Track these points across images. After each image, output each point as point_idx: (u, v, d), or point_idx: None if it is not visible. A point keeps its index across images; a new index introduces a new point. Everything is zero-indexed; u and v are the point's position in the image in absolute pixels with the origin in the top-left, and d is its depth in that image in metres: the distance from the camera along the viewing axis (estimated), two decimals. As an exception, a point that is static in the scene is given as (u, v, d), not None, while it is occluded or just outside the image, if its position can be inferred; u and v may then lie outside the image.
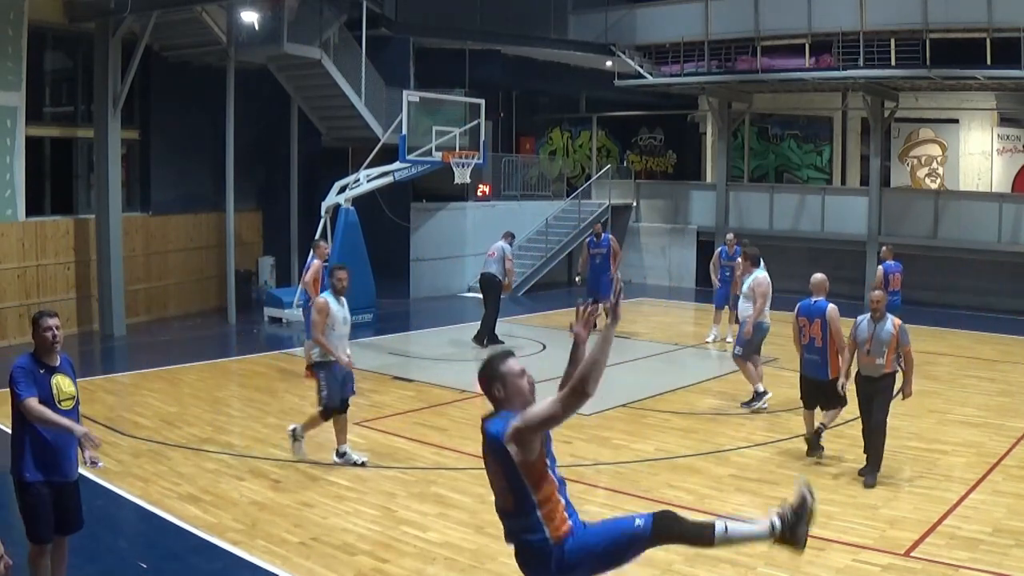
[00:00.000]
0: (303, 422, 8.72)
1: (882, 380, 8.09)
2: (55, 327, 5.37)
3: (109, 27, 14.80)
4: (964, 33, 17.66)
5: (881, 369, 8.07)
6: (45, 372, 5.30)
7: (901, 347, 8.09)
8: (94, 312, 15.63)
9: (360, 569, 6.27)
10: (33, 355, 5.34)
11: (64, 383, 5.37)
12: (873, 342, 8.08)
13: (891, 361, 8.08)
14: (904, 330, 8.14)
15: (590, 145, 28.24)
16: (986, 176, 21.58)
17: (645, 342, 15.27)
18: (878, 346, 8.06)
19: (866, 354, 8.12)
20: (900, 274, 13.64)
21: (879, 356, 8.06)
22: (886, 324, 8.12)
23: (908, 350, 8.16)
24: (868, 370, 8.16)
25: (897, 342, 8.05)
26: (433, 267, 20.50)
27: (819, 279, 9.29)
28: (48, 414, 5.14)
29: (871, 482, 7.93)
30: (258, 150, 19.27)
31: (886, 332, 8.07)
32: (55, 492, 5.33)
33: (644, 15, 21.98)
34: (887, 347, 8.05)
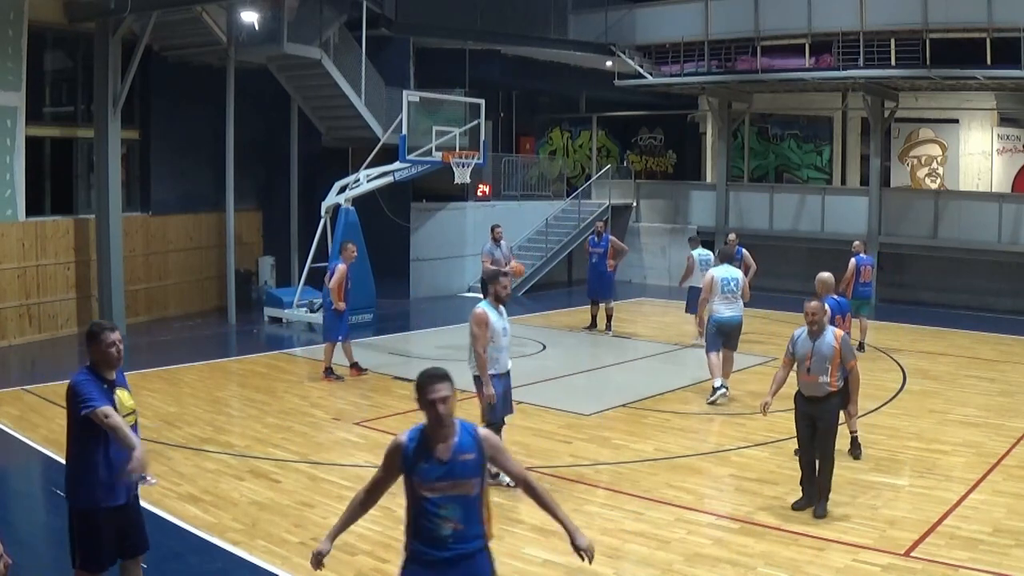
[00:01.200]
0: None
1: (827, 400, 7.28)
2: (118, 341, 5.09)
3: (109, 27, 14.80)
4: (964, 33, 17.66)
5: (825, 388, 7.27)
6: (107, 387, 4.97)
7: (845, 362, 7.34)
8: (94, 312, 15.61)
9: (360, 569, 6.27)
10: (91, 369, 4.99)
11: (125, 397, 5.09)
12: (813, 359, 7.28)
13: (836, 379, 7.30)
14: (847, 343, 7.47)
15: (590, 145, 28.24)
16: (986, 176, 21.57)
17: (645, 342, 15.28)
18: (820, 363, 7.26)
19: (806, 372, 7.31)
20: (872, 267, 14.47)
21: (822, 374, 7.25)
22: (826, 338, 7.34)
23: (853, 365, 7.45)
24: (810, 389, 7.33)
25: (840, 357, 7.31)
26: (433, 267, 20.50)
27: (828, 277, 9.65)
28: (124, 426, 4.77)
29: (821, 512, 7.19)
30: (258, 150, 19.27)
31: (827, 346, 7.29)
32: (115, 516, 4.95)
33: (644, 15, 21.98)
34: (830, 363, 7.27)
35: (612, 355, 14.39)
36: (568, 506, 7.46)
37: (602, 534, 6.90)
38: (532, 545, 6.69)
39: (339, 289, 11.90)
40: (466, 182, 17.39)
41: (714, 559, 6.42)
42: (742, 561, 6.39)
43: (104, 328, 5.12)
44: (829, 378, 7.25)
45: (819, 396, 7.28)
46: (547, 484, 8.01)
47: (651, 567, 6.33)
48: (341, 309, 11.96)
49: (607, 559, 6.44)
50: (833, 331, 7.44)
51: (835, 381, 7.29)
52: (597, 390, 12.06)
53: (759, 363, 13.40)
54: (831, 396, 7.31)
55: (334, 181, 16.56)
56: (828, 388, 7.26)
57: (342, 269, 11.99)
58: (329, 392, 11.65)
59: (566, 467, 8.49)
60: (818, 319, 7.37)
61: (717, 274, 11.30)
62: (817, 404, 7.30)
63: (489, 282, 7.91)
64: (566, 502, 7.57)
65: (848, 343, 7.49)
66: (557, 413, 10.47)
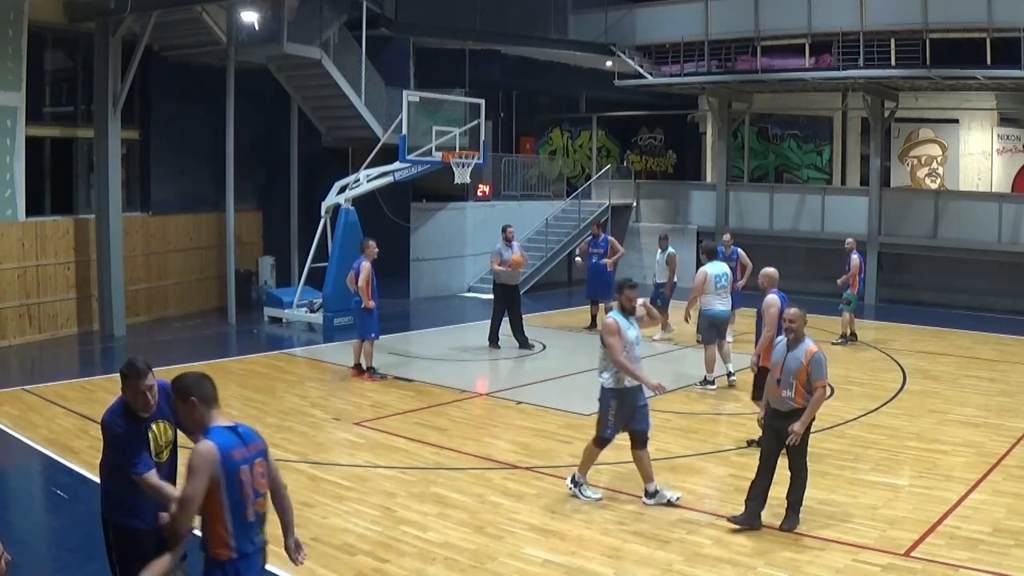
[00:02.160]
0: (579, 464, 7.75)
1: (790, 417, 6.88)
2: (148, 389, 4.83)
3: (109, 27, 14.80)
4: (964, 33, 17.66)
5: (789, 403, 6.88)
6: (142, 426, 4.83)
7: (812, 381, 6.81)
8: (94, 312, 15.63)
9: (360, 569, 6.27)
10: (125, 405, 4.81)
11: (161, 431, 4.92)
12: (783, 370, 6.93)
13: (802, 396, 6.83)
14: (817, 362, 6.84)
15: (590, 145, 28.23)
16: (986, 176, 21.57)
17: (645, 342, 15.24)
18: (786, 375, 6.89)
19: (775, 383, 6.98)
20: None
21: (786, 388, 6.89)
22: (798, 351, 6.92)
23: (820, 385, 6.83)
24: (776, 402, 7.01)
25: (807, 374, 6.82)
26: (433, 267, 20.50)
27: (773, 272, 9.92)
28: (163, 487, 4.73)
29: (788, 526, 6.89)
30: (258, 150, 19.27)
31: (795, 360, 6.87)
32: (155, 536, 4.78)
33: (644, 15, 21.98)
34: (795, 378, 6.84)
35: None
36: (568, 506, 7.48)
37: (602, 534, 6.90)
38: (532, 545, 6.69)
39: (367, 287, 11.93)
40: (466, 182, 17.40)
41: (714, 559, 6.42)
42: (742, 561, 6.39)
43: (137, 373, 4.85)
44: (793, 394, 6.84)
45: (782, 411, 6.92)
46: (547, 484, 8.03)
47: (651, 567, 6.33)
48: (371, 307, 12.00)
49: (607, 559, 6.45)
50: (807, 347, 6.91)
51: (800, 398, 6.82)
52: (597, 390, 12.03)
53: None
54: (795, 413, 6.84)
55: (334, 181, 16.57)
56: (792, 404, 6.85)
57: (367, 267, 11.99)
58: (329, 392, 11.66)
59: (566, 467, 8.49)
60: (795, 327, 6.95)
61: (710, 271, 11.76)
62: (782, 419, 6.93)
63: (617, 292, 7.68)
64: (566, 502, 7.58)
65: (819, 361, 6.84)
66: (557, 413, 10.47)
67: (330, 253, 16.15)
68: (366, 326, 12.09)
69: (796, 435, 6.79)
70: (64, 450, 8.85)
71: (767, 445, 7.09)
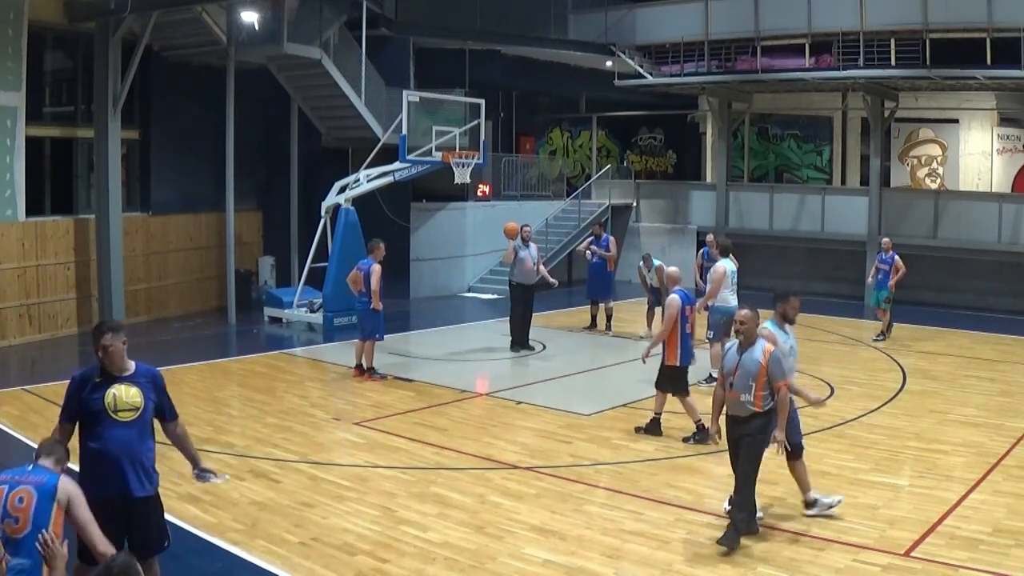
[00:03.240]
0: (800, 487, 7.33)
1: (748, 422, 6.56)
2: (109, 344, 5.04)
3: (109, 27, 14.80)
4: (964, 33, 17.66)
5: (748, 408, 6.54)
6: (103, 381, 5.07)
7: (772, 381, 6.51)
8: (94, 312, 15.62)
9: (360, 569, 6.27)
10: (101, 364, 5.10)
11: (125, 393, 5.09)
12: (738, 374, 6.58)
13: (761, 399, 6.52)
14: (777, 360, 6.54)
15: (590, 145, 28.23)
16: (986, 176, 21.57)
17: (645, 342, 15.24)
18: (743, 379, 6.55)
19: (730, 388, 6.64)
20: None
21: (744, 391, 6.54)
22: (754, 352, 6.58)
23: (781, 386, 6.53)
24: (734, 408, 6.66)
25: (767, 375, 6.51)
26: (433, 267, 20.50)
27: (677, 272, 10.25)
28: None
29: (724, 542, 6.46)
30: (258, 150, 19.27)
31: (753, 361, 6.53)
32: (115, 509, 4.97)
33: (644, 15, 21.97)
34: (754, 380, 6.51)
35: (612, 355, 14.37)
36: (568, 506, 7.48)
37: (602, 534, 6.90)
38: (532, 545, 6.69)
39: (378, 289, 11.95)
40: (466, 182, 17.38)
41: (714, 559, 6.42)
42: (742, 561, 6.39)
43: (104, 330, 5.11)
44: (752, 397, 6.51)
45: (741, 416, 6.59)
46: (547, 484, 8.04)
47: (651, 567, 6.33)
48: (380, 308, 12.04)
49: (607, 559, 6.45)
50: (764, 345, 6.60)
51: (759, 402, 6.51)
52: (597, 390, 12.06)
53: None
54: (754, 417, 6.53)
55: (334, 181, 16.57)
56: (751, 408, 6.52)
57: (378, 268, 12.02)
58: (329, 392, 11.66)
59: (566, 467, 8.49)
60: (746, 329, 6.62)
61: (729, 267, 11.81)
62: (739, 425, 6.61)
63: (779, 300, 7.41)
64: (566, 502, 7.58)
65: (778, 360, 6.56)
66: (557, 413, 10.47)
67: (330, 253, 16.15)
68: (373, 327, 12.10)
69: (781, 443, 6.54)
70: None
71: (732, 456, 6.76)
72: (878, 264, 15.55)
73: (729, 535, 6.51)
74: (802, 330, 16.54)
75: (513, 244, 14.35)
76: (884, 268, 15.33)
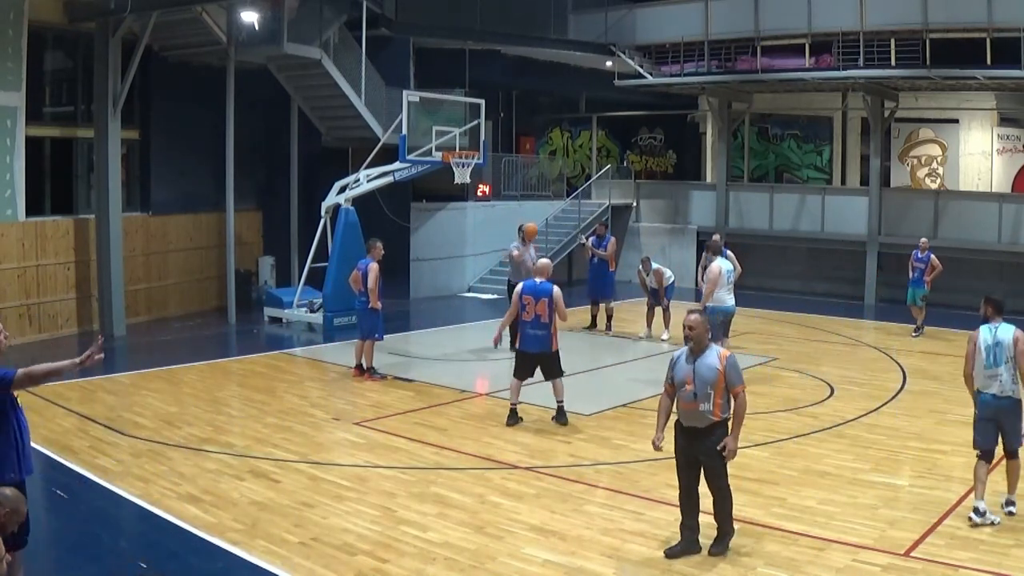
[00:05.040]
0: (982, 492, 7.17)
1: (709, 433, 6.32)
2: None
3: (109, 27, 14.80)
4: (964, 33, 17.66)
5: (708, 418, 6.30)
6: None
7: (730, 387, 6.29)
8: (94, 312, 15.63)
9: (360, 569, 6.27)
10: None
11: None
12: (696, 383, 6.32)
13: (720, 407, 6.30)
14: (734, 365, 6.35)
15: (590, 145, 28.24)
16: (986, 176, 21.58)
17: (645, 342, 15.27)
18: (701, 387, 6.30)
19: (690, 398, 6.37)
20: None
21: (703, 400, 6.29)
22: (708, 358, 6.34)
23: (738, 391, 6.32)
24: (690, 419, 6.38)
25: (725, 381, 6.29)
26: (433, 267, 20.50)
27: (545, 263, 10.39)
28: None
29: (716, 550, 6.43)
30: (258, 150, 19.27)
31: (709, 368, 6.29)
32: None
33: (644, 15, 21.98)
34: (712, 388, 6.27)
35: (612, 355, 14.38)
36: (568, 506, 7.49)
37: (602, 534, 6.90)
38: (532, 545, 6.69)
39: (376, 288, 11.95)
40: (466, 182, 17.39)
41: (714, 559, 6.41)
42: (742, 561, 6.39)
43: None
44: (711, 405, 6.28)
45: (699, 427, 6.35)
46: (547, 484, 8.04)
47: (651, 567, 6.33)
48: (379, 308, 12.06)
49: (607, 559, 6.45)
50: (718, 351, 6.41)
51: (719, 410, 6.31)
52: (597, 390, 12.05)
53: (759, 363, 13.41)
54: (714, 427, 6.32)
55: (334, 181, 16.57)
56: (711, 417, 6.30)
57: (376, 268, 12.03)
58: (329, 392, 11.66)
59: (566, 467, 8.49)
60: (695, 334, 6.38)
61: (724, 266, 11.86)
62: (698, 438, 6.36)
63: (987, 305, 7.33)
64: (566, 502, 7.58)
65: (735, 365, 6.36)
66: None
67: (330, 253, 16.15)
68: (372, 327, 12.11)
69: (732, 452, 6.33)
70: (64, 450, 8.85)
71: (681, 468, 6.53)
72: (914, 263, 16.06)
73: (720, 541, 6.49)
74: (802, 330, 16.65)
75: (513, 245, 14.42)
76: (920, 267, 15.94)
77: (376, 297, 11.99)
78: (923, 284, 15.86)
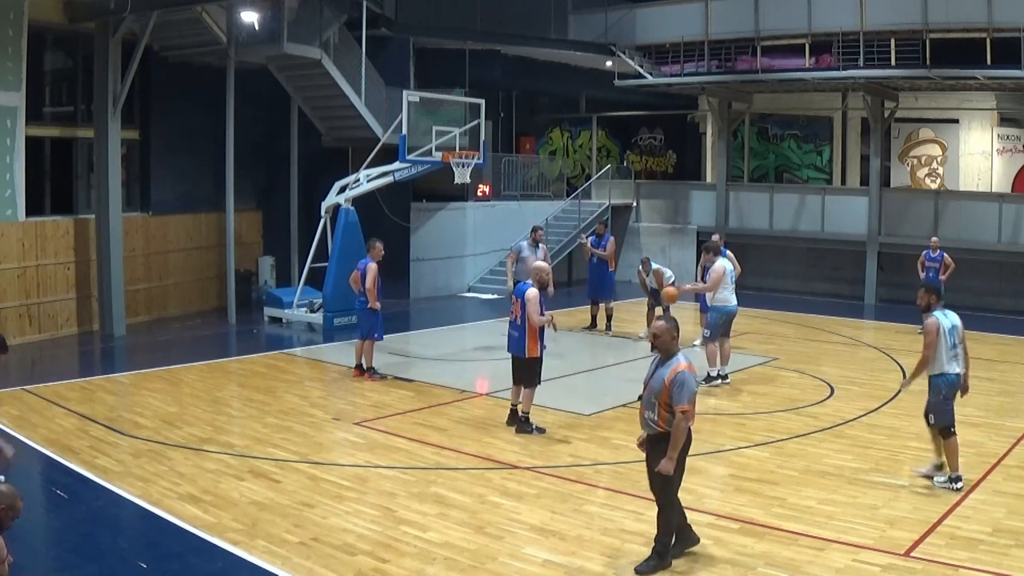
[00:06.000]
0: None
1: (656, 443, 6.23)
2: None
3: (109, 27, 14.80)
4: (964, 33, 17.65)
5: (652, 426, 6.21)
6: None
7: (674, 404, 6.05)
8: (94, 312, 15.63)
9: (360, 569, 6.27)
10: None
11: None
12: (648, 388, 6.26)
13: (665, 419, 6.12)
14: (680, 383, 6.04)
15: (590, 145, 28.23)
16: (986, 176, 21.58)
17: (645, 342, 15.26)
18: (648, 395, 6.22)
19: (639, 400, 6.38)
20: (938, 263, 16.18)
21: (648, 408, 6.22)
22: (666, 368, 6.20)
23: (681, 410, 6.03)
24: (642, 423, 6.36)
25: (669, 396, 6.06)
26: (433, 267, 20.50)
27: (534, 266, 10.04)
28: None
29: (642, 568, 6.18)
30: (258, 150, 19.26)
31: (659, 379, 6.16)
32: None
33: (644, 15, 21.98)
34: (656, 399, 6.14)
35: (612, 355, 14.39)
36: (568, 506, 7.49)
37: (602, 534, 6.90)
38: (532, 545, 6.69)
39: (375, 288, 11.95)
40: (466, 182, 17.39)
41: (714, 559, 6.42)
42: (742, 561, 6.39)
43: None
44: (656, 416, 6.16)
45: (649, 434, 6.30)
46: (547, 484, 8.04)
47: (651, 567, 6.32)
48: (378, 308, 12.07)
49: (607, 559, 6.45)
50: (676, 363, 6.16)
51: (663, 423, 6.12)
52: (597, 390, 12.06)
53: (759, 363, 13.42)
54: (660, 438, 6.17)
55: (334, 181, 16.56)
56: (655, 427, 6.18)
57: (375, 268, 12.04)
58: (329, 392, 11.67)
59: (566, 467, 8.49)
60: (660, 342, 6.25)
61: (728, 266, 11.93)
62: (650, 443, 6.29)
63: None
64: (566, 502, 7.59)
65: (682, 382, 6.07)
66: (557, 413, 10.47)
67: (330, 253, 16.14)
68: (372, 327, 12.12)
69: (666, 471, 6.10)
70: (64, 450, 8.86)
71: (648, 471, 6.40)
72: (927, 263, 16.07)
73: (650, 562, 6.22)
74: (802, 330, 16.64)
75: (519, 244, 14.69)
76: (934, 266, 15.97)
77: (375, 297, 12.00)
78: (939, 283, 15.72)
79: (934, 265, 15.96)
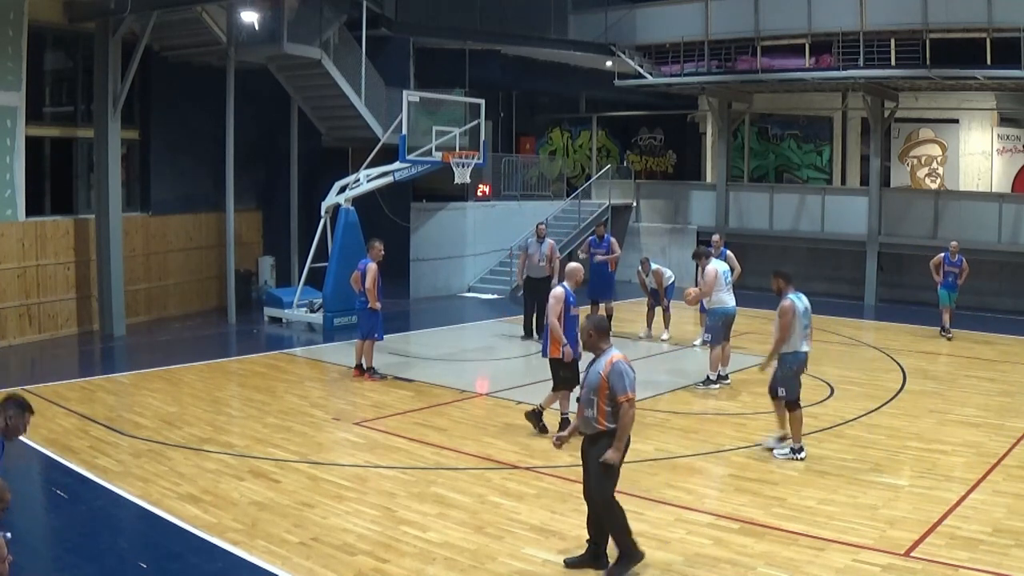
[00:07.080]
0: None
1: (596, 442, 6.03)
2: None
3: (109, 27, 14.80)
4: (964, 33, 17.65)
5: (593, 425, 6.01)
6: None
7: (614, 396, 5.92)
8: (94, 312, 15.62)
9: (360, 569, 6.27)
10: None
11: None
12: (584, 386, 6.14)
13: (606, 415, 5.96)
14: (620, 373, 5.94)
15: (590, 145, 28.23)
16: (986, 176, 21.58)
17: (645, 342, 15.28)
18: (586, 393, 6.07)
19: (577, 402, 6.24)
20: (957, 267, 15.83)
21: (588, 406, 6.03)
22: (598, 364, 6.07)
23: (624, 399, 5.90)
24: (582, 425, 6.17)
25: (609, 388, 5.94)
26: (433, 267, 20.50)
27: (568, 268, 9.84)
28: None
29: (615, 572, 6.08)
30: (258, 150, 19.27)
31: (595, 374, 6.02)
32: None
33: (644, 15, 21.98)
34: (595, 394, 5.98)
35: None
36: (568, 506, 7.48)
37: (602, 534, 6.89)
38: (532, 545, 6.69)
39: (375, 288, 11.96)
40: (466, 182, 17.40)
41: (714, 559, 6.42)
42: (742, 561, 6.39)
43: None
44: (596, 412, 5.98)
45: (588, 434, 6.11)
46: (547, 484, 8.04)
47: (651, 567, 6.32)
48: (378, 308, 12.08)
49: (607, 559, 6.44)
50: (609, 355, 6.05)
51: (603, 418, 5.97)
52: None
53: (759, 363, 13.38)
54: (600, 436, 5.99)
55: (334, 181, 16.57)
56: (596, 425, 6.00)
57: (374, 268, 12.05)
58: (329, 392, 11.67)
59: (566, 467, 8.49)
60: (584, 339, 6.19)
61: (721, 268, 11.91)
62: (588, 444, 6.12)
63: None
64: (566, 502, 7.58)
65: (620, 372, 5.95)
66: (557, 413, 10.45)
67: (330, 253, 16.15)
68: (372, 327, 12.13)
69: (608, 463, 5.93)
70: (64, 450, 8.86)
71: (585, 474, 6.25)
72: (947, 268, 15.63)
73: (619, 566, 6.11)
74: (802, 330, 16.59)
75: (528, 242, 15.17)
76: (953, 271, 15.58)
77: (375, 297, 12.00)
78: (956, 287, 15.63)
79: (953, 270, 15.54)
